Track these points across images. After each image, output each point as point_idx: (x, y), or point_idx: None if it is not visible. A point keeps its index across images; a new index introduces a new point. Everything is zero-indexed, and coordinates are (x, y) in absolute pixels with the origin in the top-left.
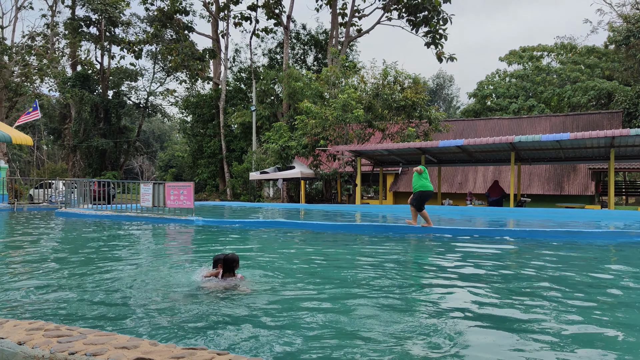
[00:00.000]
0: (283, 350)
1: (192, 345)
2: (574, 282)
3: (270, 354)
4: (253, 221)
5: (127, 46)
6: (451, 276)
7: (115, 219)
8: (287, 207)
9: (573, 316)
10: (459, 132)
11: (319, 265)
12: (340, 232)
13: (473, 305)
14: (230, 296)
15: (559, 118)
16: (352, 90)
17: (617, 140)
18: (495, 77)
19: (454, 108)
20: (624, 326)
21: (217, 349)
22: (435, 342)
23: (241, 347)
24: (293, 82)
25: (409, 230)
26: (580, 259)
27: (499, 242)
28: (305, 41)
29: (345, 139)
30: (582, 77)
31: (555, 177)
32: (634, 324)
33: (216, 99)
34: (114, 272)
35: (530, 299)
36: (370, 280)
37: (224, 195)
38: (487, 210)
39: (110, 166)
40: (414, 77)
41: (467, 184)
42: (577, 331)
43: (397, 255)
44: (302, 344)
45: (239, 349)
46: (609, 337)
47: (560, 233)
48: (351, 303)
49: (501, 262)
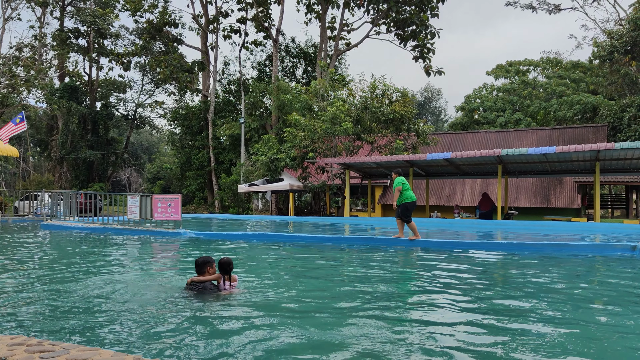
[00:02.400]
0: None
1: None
2: (560, 295)
3: None
4: (241, 234)
5: (115, 58)
6: (437, 289)
7: (102, 231)
8: (275, 219)
9: (557, 328)
10: (446, 145)
11: (306, 277)
12: (329, 244)
13: (456, 317)
14: (222, 304)
15: (545, 132)
16: (341, 103)
17: (602, 154)
18: (482, 90)
19: (442, 121)
20: (610, 340)
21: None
22: (416, 353)
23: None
24: (282, 94)
25: (397, 242)
26: (565, 271)
27: (486, 255)
28: (295, 54)
29: (334, 151)
30: (567, 91)
31: (542, 190)
32: (615, 337)
33: (205, 111)
34: (99, 285)
35: (516, 313)
36: (355, 292)
37: (213, 207)
38: (475, 222)
39: (97, 178)
40: (402, 90)
41: (455, 196)
42: (563, 343)
43: (383, 267)
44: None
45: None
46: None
47: (547, 246)
48: (336, 314)
49: (487, 275)
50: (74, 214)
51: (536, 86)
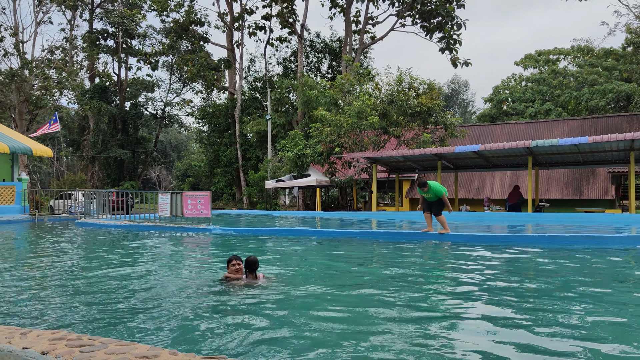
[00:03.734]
0: (304, 356)
1: (211, 354)
2: (595, 288)
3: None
4: (269, 229)
5: (143, 58)
6: (468, 283)
7: (134, 228)
8: (302, 214)
9: (590, 322)
10: (475, 137)
11: (335, 271)
12: (356, 239)
13: (487, 311)
14: (251, 299)
15: (576, 122)
16: (367, 97)
17: (637, 143)
18: (511, 81)
19: (470, 113)
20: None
21: (236, 357)
22: (447, 347)
23: (260, 355)
24: (307, 90)
25: (426, 237)
26: (600, 264)
27: (517, 248)
28: (320, 49)
29: (360, 146)
30: (599, 79)
31: (574, 181)
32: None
33: (232, 109)
34: (134, 281)
35: (550, 306)
36: (385, 286)
37: (241, 203)
38: (505, 215)
39: (128, 176)
40: (428, 82)
41: (485, 189)
42: (601, 340)
43: (412, 261)
44: (317, 353)
45: (258, 357)
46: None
47: (580, 238)
48: (366, 308)
49: (519, 269)
50: (106, 212)
51: (567, 75)
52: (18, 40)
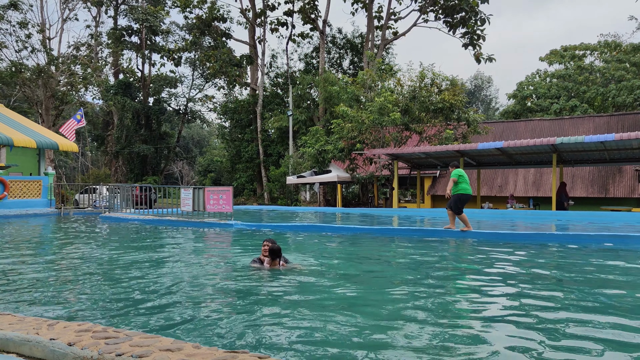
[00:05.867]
0: (323, 350)
1: (234, 348)
2: (621, 288)
3: (312, 356)
4: (290, 225)
5: (167, 54)
6: (490, 282)
7: (157, 223)
8: (324, 210)
9: (617, 322)
10: (498, 134)
11: (357, 267)
12: (378, 235)
13: (512, 311)
14: (274, 289)
15: (603, 118)
16: (389, 93)
17: None
18: (535, 77)
19: (493, 109)
20: None
21: (257, 351)
22: (466, 346)
23: (283, 349)
24: (329, 86)
25: (448, 234)
26: (625, 263)
27: (541, 247)
28: (341, 45)
29: (381, 142)
30: (627, 75)
31: (600, 179)
32: None
33: (253, 104)
34: (156, 274)
35: (574, 306)
36: (405, 283)
37: (262, 199)
38: (528, 213)
39: (151, 171)
40: (451, 78)
41: (507, 186)
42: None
43: (434, 259)
44: (340, 349)
45: (280, 351)
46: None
47: (605, 237)
48: (384, 304)
49: (542, 267)
50: (130, 206)
51: (593, 71)
52: (45, 36)
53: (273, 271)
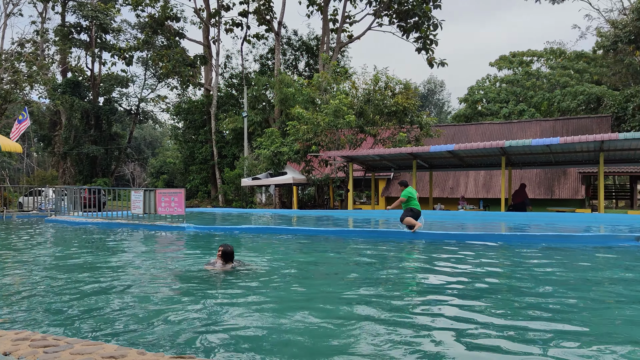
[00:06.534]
0: (275, 353)
1: (181, 353)
2: (567, 285)
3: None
4: (245, 227)
5: (118, 53)
6: (439, 281)
7: (106, 226)
8: (279, 212)
9: (564, 318)
10: (450, 137)
11: (309, 267)
12: (332, 237)
13: (458, 308)
14: (225, 291)
15: (549, 122)
16: (344, 96)
17: (606, 145)
18: (485, 82)
19: (445, 113)
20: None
21: (206, 356)
22: (415, 346)
23: (234, 352)
24: (284, 87)
25: (400, 235)
26: (570, 262)
27: (489, 247)
28: (297, 47)
29: (337, 144)
30: (571, 82)
31: (546, 181)
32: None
33: (207, 105)
34: (104, 279)
35: (523, 304)
36: (358, 284)
37: (216, 201)
38: (479, 214)
39: (101, 173)
40: (405, 82)
41: (459, 188)
42: (574, 336)
43: (386, 259)
44: (292, 351)
45: (232, 355)
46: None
47: (551, 237)
48: (337, 305)
49: (490, 266)
50: (78, 209)
51: (540, 77)
52: None
53: (227, 273)
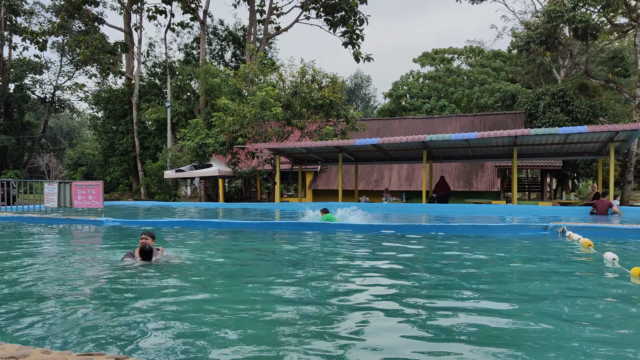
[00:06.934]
0: (192, 347)
1: (89, 351)
2: (481, 273)
3: (172, 356)
4: (167, 221)
5: (29, 37)
6: (362, 270)
7: (16, 220)
8: (204, 206)
9: (479, 305)
10: (375, 131)
11: (233, 261)
12: (257, 230)
13: (381, 298)
14: (146, 284)
15: (468, 118)
16: (271, 88)
17: (519, 140)
18: (409, 78)
19: (372, 108)
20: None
21: (120, 353)
22: (339, 336)
23: (146, 348)
24: (210, 78)
25: (325, 227)
26: (485, 251)
27: (410, 237)
28: (223, 37)
29: (263, 136)
30: (489, 79)
31: (465, 174)
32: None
33: (129, 94)
34: (11, 276)
35: (441, 292)
36: (282, 276)
37: (138, 194)
38: (401, 206)
39: (12, 165)
40: (331, 76)
41: (383, 181)
42: (489, 322)
43: (310, 251)
44: (201, 349)
45: (144, 350)
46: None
47: (467, 227)
48: (260, 297)
49: (412, 256)
50: None
51: (460, 74)
52: None
53: (147, 266)
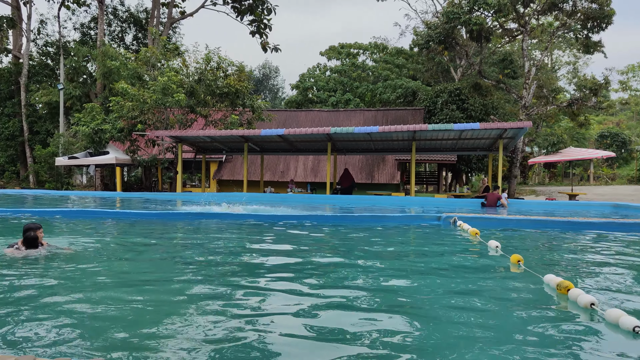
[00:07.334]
0: (89, 344)
1: None
2: (375, 258)
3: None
4: (56, 210)
5: None
6: (264, 259)
7: None
8: (100, 195)
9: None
10: (281, 122)
11: (129, 252)
12: (155, 220)
13: (285, 284)
14: (33, 278)
15: (371, 112)
16: (173, 73)
17: (418, 134)
18: (316, 70)
19: (280, 99)
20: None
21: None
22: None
23: (33, 347)
24: (108, 60)
25: (228, 217)
26: (382, 239)
27: (312, 227)
28: (124, 18)
29: (165, 124)
30: (392, 75)
31: (367, 166)
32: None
33: (16, 75)
34: None
35: (337, 279)
36: (180, 265)
37: (27, 182)
38: (306, 197)
39: None
40: (238, 64)
41: (289, 172)
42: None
43: (209, 241)
44: (92, 336)
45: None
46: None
47: (367, 218)
48: (162, 288)
49: (313, 245)
50: None
51: (365, 69)
52: None
53: (33, 258)
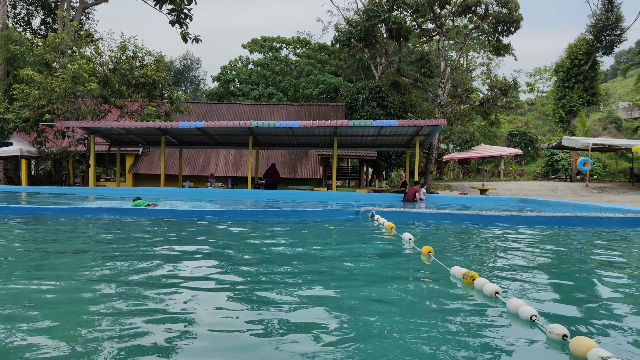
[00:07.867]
0: None
1: None
2: (294, 253)
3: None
4: None
5: None
6: (182, 255)
7: None
8: (2, 189)
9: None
10: (202, 114)
11: (33, 251)
12: (62, 215)
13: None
14: None
15: (294, 107)
16: (85, 61)
17: (339, 130)
18: (238, 63)
19: (202, 91)
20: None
21: None
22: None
23: None
24: (12, 45)
25: (144, 213)
26: (302, 233)
27: (234, 223)
28: (31, 1)
29: (76, 114)
30: (314, 71)
31: (290, 161)
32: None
33: None
34: None
35: (258, 275)
36: (93, 262)
37: None
38: (226, 192)
39: None
40: (156, 54)
41: (209, 166)
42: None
43: (130, 237)
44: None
45: None
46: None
47: (289, 212)
48: (72, 287)
49: (238, 242)
50: None
51: (288, 63)
52: None
53: None
